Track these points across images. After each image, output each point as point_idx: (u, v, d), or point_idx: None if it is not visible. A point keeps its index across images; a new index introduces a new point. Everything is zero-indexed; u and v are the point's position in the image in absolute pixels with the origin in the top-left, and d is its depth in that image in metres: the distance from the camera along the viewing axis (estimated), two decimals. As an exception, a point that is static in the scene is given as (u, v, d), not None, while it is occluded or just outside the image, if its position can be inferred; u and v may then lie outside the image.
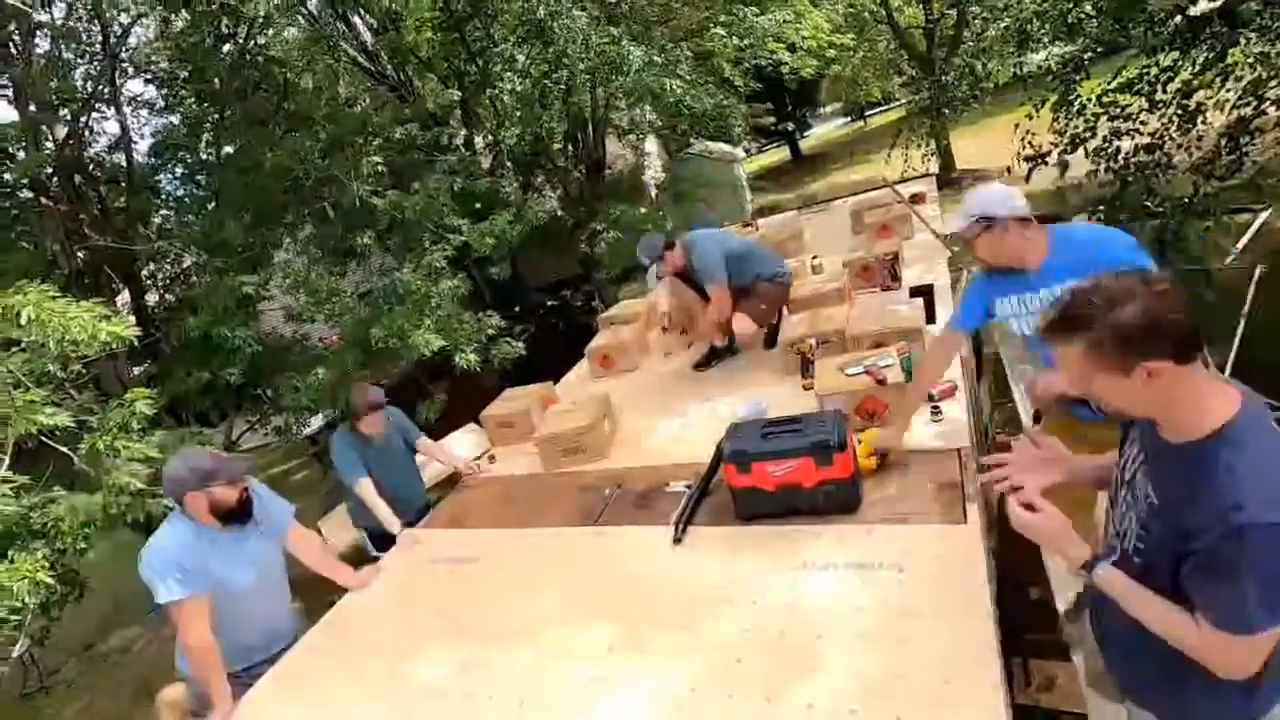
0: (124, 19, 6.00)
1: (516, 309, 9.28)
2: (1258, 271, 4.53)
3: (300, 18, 7.71)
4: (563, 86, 7.84)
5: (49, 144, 5.40)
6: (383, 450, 3.22)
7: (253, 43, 6.45)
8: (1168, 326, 1.04)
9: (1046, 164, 6.28)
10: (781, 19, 9.75)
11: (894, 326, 2.92)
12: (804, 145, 27.26)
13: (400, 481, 3.29)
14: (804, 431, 2.09)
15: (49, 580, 2.97)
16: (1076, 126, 6.02)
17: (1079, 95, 6.10)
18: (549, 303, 10.38)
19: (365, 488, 3.04)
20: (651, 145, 12.84)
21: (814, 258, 4.43)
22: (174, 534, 2.15)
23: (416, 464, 3.54)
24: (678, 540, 2.21)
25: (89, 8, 5.86)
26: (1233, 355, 3.98)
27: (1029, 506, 1.31)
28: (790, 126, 25.18)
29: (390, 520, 2.94)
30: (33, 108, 5.25)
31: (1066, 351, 1.11)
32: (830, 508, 2.07)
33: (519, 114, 8.08)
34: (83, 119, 5.81)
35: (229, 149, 6.68)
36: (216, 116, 6.57)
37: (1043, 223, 2.19)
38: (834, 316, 3.31)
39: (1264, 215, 5.20)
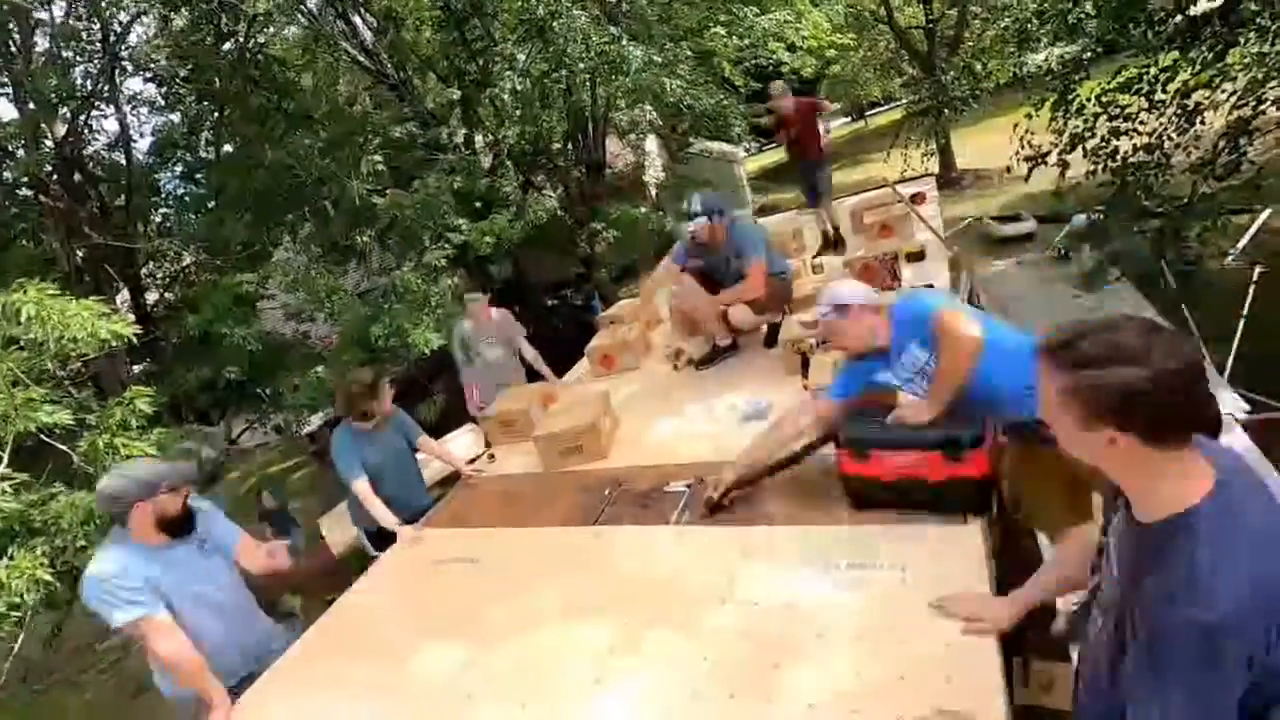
0: (123, 17, 6.00)
1: (517, 308, 9.28)
2: (1256, 271, 4.54)
3: (300, 16, 7.71)
4: (563, 86, 7.85)
5: (49, 142, 5.39)
6: (383, 449, 3.22)
7: (253, 41, 6.45)
8: (1153, 406, 0.92)
9: (1046, 164, 6.28)
10: (782, 19, 9.76)
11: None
12: (804, 145, 27.22)
13: (400, 482, 3.28)
14: (935, 422, 1.99)
15: (48, 578, 2.96)
16: (1075, 126, 6.02)
17: (1078, 95, 6.10)
18: (549, 302, 10.38)
19: (361, 486, 3.04)
20: (651, 145, 12.83)
21: (814, 256, 4.44)
22: (114, 558, 2.05)
23: (418, 464, 3.55)
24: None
25: (88, 6, 5.86)
26: (1233, 353, 3.99)
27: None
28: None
29: (386, 518, 2.93)
30: (32, 106, 5.25)
31: (1045, 379, 1.02)
32: (953, 507, 1.94)
33: (519, 113, 8.08)
34: (82, 117, 5.81)
35: (229, 147, 6.68)
36: (216, 115, 6.57)
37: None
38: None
39: (1263, 215, 5.21)
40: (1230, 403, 3.22)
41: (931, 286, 3.48)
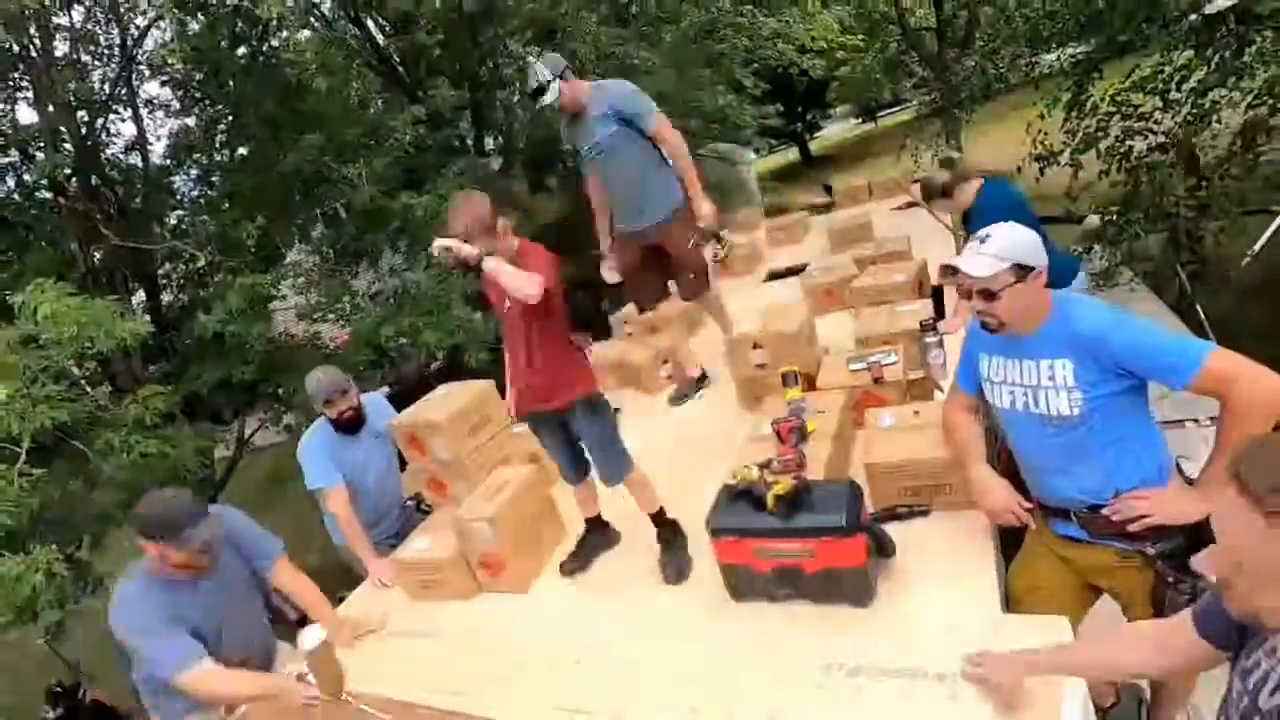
0: (140, 22, 6.10)
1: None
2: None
3: (314, 20, 7.78)
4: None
5: (67, 145, 5.47)
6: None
7: (266, 45, 6.52)
8: None
9: (1058, 164, 6.23)
10: (791, 19, 9.75)
11: (902, 327, 2.91)
12: (814, 147, 27.17)
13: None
14: (809, 509, 1.82)
15: (64, 573, 3.01)
16: (1089, 126, 5.97)
17: (1091, 95, 6.05)
18: (558, 303, 10.39)
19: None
20: (661, 146, 12.80)
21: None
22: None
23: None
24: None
25: (106, 11, 5.95)
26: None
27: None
28: (800, 127, 25.15)
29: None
30: (51, 109, 5.33)
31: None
32: (833, 597, 1.82)
33: (529, 115, 8.10)
34: (100, 120, 5.89)
35: (243, 150, 6.75)
36: (231, 118, 6.64)
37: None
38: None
39: (1280, 217, 5.14)
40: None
41: (940, 289, 3.45)
